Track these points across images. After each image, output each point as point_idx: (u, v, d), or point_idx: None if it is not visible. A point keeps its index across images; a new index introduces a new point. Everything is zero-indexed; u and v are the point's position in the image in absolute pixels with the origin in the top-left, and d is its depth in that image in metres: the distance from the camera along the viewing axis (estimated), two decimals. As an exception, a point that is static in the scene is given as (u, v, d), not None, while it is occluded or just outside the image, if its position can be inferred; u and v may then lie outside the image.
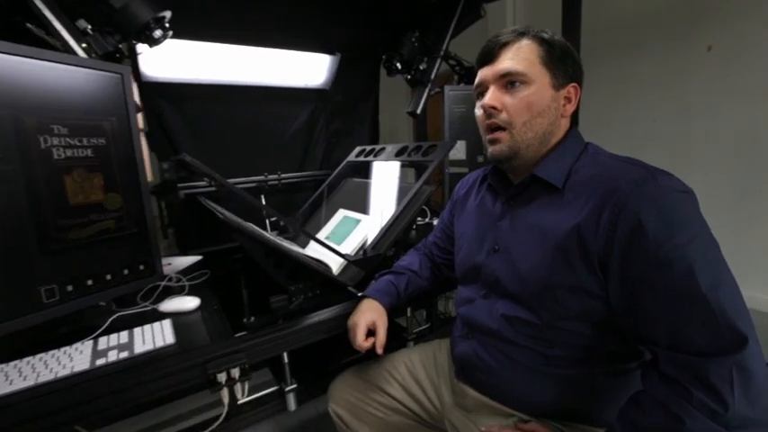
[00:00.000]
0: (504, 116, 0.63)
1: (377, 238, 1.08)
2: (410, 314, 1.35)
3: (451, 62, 1.58)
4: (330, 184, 1.64)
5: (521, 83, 0.62)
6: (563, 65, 0.64)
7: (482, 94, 0.67)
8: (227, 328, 0.85)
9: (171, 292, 1.05)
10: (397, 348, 1.05)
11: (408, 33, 1.41)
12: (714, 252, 0.51)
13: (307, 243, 1.39)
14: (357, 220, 1.32)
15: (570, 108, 0.66)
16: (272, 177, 1.76)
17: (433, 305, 1.51)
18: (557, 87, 0.64)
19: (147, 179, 0.93)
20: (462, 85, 1.70)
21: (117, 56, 0.97)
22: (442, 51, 1.44)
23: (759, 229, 2.15)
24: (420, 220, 1.64)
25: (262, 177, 1.73)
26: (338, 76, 1.93)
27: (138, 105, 1.07)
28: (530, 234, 0.65)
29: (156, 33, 0.94)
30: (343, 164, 1.64)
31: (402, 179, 1.40)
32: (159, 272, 0.97)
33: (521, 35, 0.63)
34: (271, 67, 1.77)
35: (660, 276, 0.50)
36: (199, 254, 1.30)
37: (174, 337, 0.78)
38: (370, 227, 1.26)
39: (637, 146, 2.51)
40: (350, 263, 1.03)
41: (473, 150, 1.50)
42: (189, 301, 0.94)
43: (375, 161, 1.49)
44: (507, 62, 0.62)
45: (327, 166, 2.02)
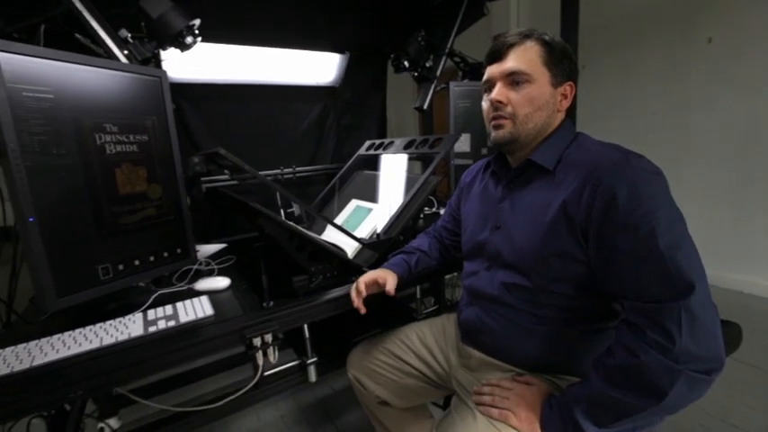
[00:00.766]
0: (510, 109, 0.72)
1: (388, 223, 1.18)
2: (419, 296, 1.45)
3: (456, 59, 1.67)
4: (342, 176, 1.74)
5: (524, 81, 0.71)
6: (561, 65, 0.72)
7: (489, 89, 0.76)
8: (256, 302, 0.95)
9: (201, 275, 1.15)
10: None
11: (415, 33, 1.49)
12: (675, 221, 0.59)
13: (322, 230, 1.49)
14: (369, 209, 1.42)
15: (566, 104, 0.75)
16: (287, 171, 1.86)
17: (441, 291, 1.61)
18: (555, 85, 0.72)
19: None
20: (467, 81, 1.78)
21: (152, 61, 1.07)
22: (447, 49, 1.52)
23: (758, 217, 2.21)
24: (427, 209, 1.73)
25: (278, 171, 1.83)
26: (347, 73, 2.02)
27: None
28: (526, 212, 0.74)
29: (188, 40, 1.04)
30: (354, 157, 1.74)
31: (409, 171, 1.50)
32: (193, 256, 1.08)
33: (526, 37, 0.71)
34: (283, 67, 1.86)
35: (627, 238, 0.59)
36: (220, 243, 1.41)
37: (213, 309, 0.89)
38: (381, 215, 1.36)
39: (638, 139, 2.57)
40: (364, 246, 1.13)
41: (477, 143, 1.59)
42: (221, 281, 1.05)
43: (385, 154, 1.59)
44: (513, 62, 0.71)
45: (338, 160, 2.12)
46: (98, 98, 0.84)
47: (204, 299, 0.94)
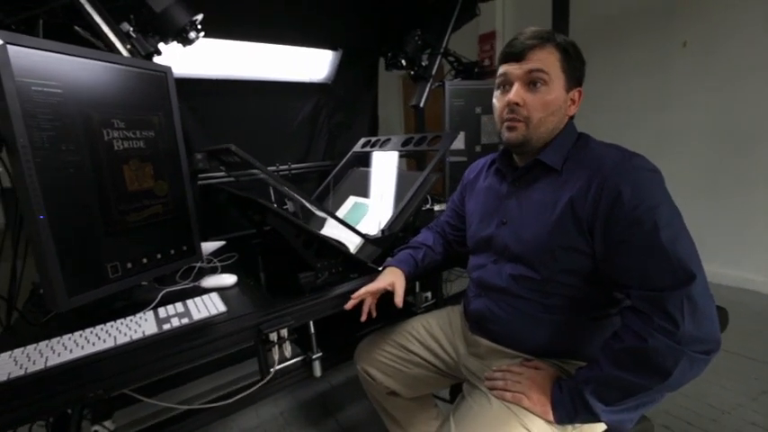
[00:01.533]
0: (525, 112, 0.75)
1: (391, 219, 1.20)
2: (418, 290, 1.49)
3: (450, 59, 1.70)
4: (337, 173, 1.75)
5: (542, 83, 0.74)
6: (575, 71, 0.76)
7: (504, 87, 0.78)
8: (267, 298, 0.96)
9: (204, 273, 1.15)
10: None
11: (412, 32, 1.52)
12: (674, 215, 0.65)
13: (321, 227, 1.49)
14: (367, 206, 1.44)
15: (573, 109, 0.79)
16: (282, 168, 1.85)
17: (438, 286, 1.64)
18: (567, 90, 0.76)
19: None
20: (458, 80, 1.82)
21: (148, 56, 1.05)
22: (442, 49, 1.56)
23: (731, 209, 2.36)
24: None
25: (273, 168, 1.82)
26: (339, 71, 2.02)
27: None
28: (533, 208, 0.78)
29: (191, 35, 1.02)
30: (349, 154, 1.75)
31: (403, 168, 1.52)
32: (199, 253, 1.08)
33: (546, 40, 0.74)
34: (276, 63, 1.85)
35: (632, 232, 0.64)
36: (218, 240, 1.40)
37: (225, 306, 0.89)
38: (379, 211, 1.38)
39: (621, 133, 2.68)
40: (368, 242, 1.15)
41: (471, 141, 1.63)
42: (227, 278, 1.05)
43: (380, 151, 1.60)
44: (534, 64, 0.73)
45: (330, 157, 2.12)
46: (106, 93, 0.83)
47: (214, 296, 0.94)
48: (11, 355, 0.72)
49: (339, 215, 1.54)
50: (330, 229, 1.28)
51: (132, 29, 0.97)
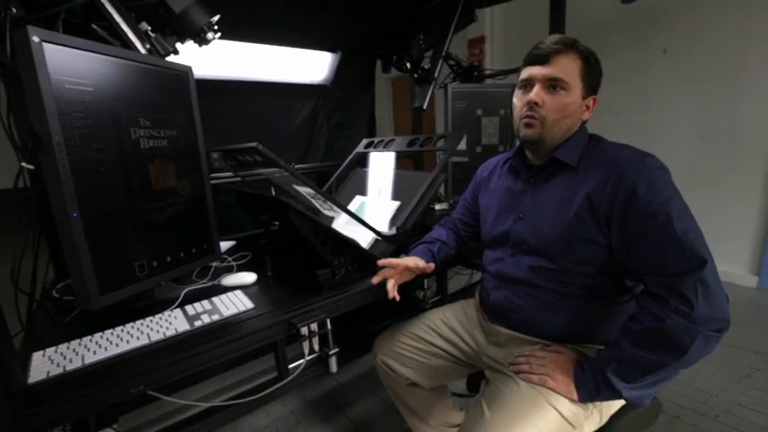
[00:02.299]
0: (543, 112, 0.80)
1: (404, 217, 1.24)
2: (426, 286, 1.53)
3: (451, 62, 1.75)
4: (341, 173, 1.77)
5: (562, 88, 0.79)
6: (593, 79, 0.82)
7: (526, 88, 0.83)
8: (290, 294, 0.98)
9: (219, 272, 1.15)
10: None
11: (416, 36, 1.56)
12: (684, 208, 0.71)
13: (330, 225, 1.51)
14: (374, 204, 1.47)
15: (588, 114, 0.85)
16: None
17: (444, 282, 1.69)
18: (583, 97, 0.82)
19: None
20: (457, 83, 1.87)
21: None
22: (443, 52, 1.61)
23: (709, 206, 2.51)
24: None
25: (275, 169, 1.82)
26: (338, 72, 2.04)
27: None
28: (550, 203, 0.83)
29: (209, 36, 1.03)
30: (353, 154, 1.77)
31: (404, 168, 1.56)
32: (218, 252, 1.08)
33: (570, 47, 0.79)
34: (275, 64, 1.85)
35: (648, 225, 0.70)
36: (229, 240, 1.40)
37: (252, 302, 0.90)
38: (386, 210, 1.41)
39: (607, 133, 2.79)
40: (383, 239, 1.18)
41: (472, 142, 1.69)
42: (247, 276, 1.06)
43: (382, 152, 1.63)
44: (557, 69, 0.78)
45: (328, 158, 2.14)
46: (132, 92, 0.83)
47: (239, 293, 0.95)
48: (44, 353, 0.72)
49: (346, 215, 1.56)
50: (339, 228, 1.30)
51: (150, 28, 0.97)
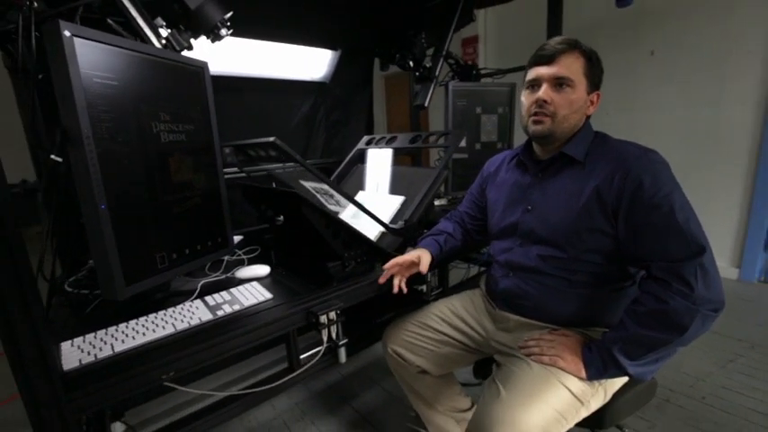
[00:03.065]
0: (552, 108, 0.85)
1: (410, 211, 1.27)
2: (429, 278, 1.57)
3: (450, 61, 1.80)
4: (342, 169, 1.79)
5: (567, 85, 0.84)
6: (595, 76, 0.87)
7: (533, 87, 0.88)
8: (304, 284, 1.00)
9: (230, 265, 1.17)
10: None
11: (418, 35, 1.60)
12: (684, 200, 0.77)
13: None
14: (378, 200, 1.50)
15: (592, 109, 0.90)
16: (288, 165, 1.87)
17: (446, 275, 1.73)
18: (588, 93, 0.87)
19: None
20: (456, 81, 1.92)
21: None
22: (443, 51, 1.65)
23: (694, 199, 2.60)
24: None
25: (279, 165, 1.84)
26: (337, 70, 2.06)
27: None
28: (558, 195, 0.88)
29: (223, 32, 1.05)
30: (354, 151, 1.80)
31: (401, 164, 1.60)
32: (231, 245, 1.10)
33: (573, 47, 0.84)
34: (276, 61, 1.86)
35: (653, 215, 0.75)
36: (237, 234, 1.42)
37: (270, 293, 0.93)
38: (391, 205, 1.45)
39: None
40: (391, 232, 1.22)
41: (472, 139, 1.73)
42: (261, 269, 1.08)
43: (380, 149, 1.67)
44: (563, 68, 0.83)
45: (327, 155, 2.16)
46: (153, 87, 0.84)
47: (256, 284, 0.98)
48: (72, 343, 0.73)
49: (350, 210, 1.59)
50: (350, 221, 1.33)
51: (165, 24, 0.98)
